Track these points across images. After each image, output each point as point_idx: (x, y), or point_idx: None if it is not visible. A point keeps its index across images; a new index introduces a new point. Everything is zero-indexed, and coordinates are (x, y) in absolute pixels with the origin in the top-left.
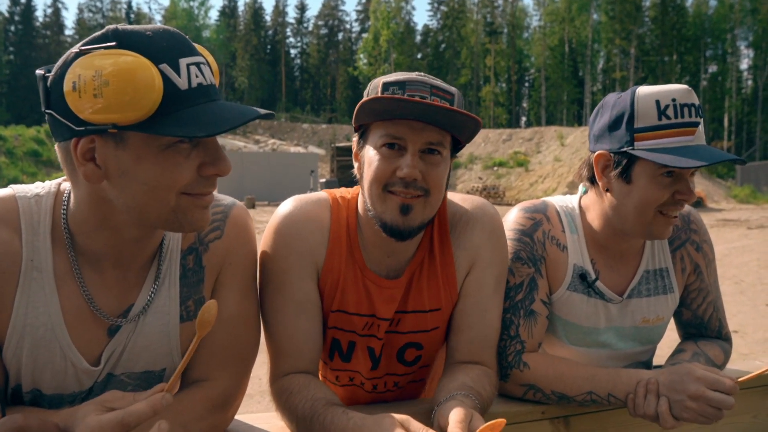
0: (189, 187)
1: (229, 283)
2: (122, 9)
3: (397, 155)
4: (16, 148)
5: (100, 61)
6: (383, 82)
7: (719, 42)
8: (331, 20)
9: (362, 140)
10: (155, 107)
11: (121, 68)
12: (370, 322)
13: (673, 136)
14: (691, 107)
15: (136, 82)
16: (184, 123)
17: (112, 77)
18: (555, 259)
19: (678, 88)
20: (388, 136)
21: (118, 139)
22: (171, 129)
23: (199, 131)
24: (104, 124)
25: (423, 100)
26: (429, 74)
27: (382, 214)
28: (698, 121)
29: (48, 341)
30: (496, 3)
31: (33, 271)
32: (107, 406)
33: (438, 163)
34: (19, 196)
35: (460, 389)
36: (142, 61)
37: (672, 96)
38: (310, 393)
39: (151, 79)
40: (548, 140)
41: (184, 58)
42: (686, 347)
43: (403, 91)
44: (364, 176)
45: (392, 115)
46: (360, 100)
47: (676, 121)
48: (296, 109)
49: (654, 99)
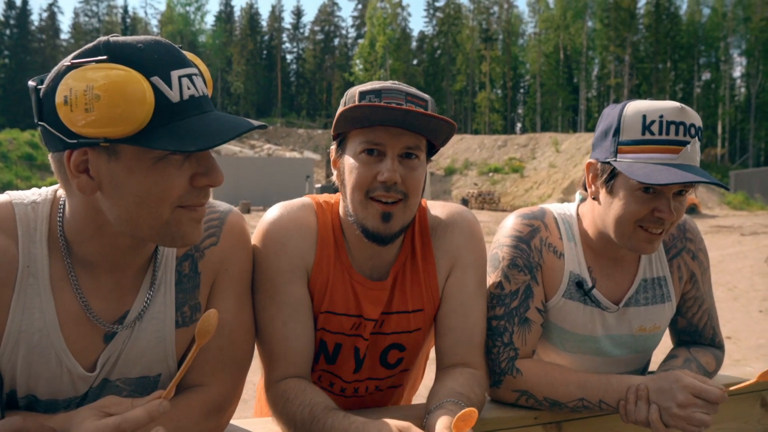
0: (182, 199)
1: (225, 290)
2: (118, 14)
3: (376, 161)
4: (11, 152)
5: (92, 74)
6: (359, 92)
7: (712, 50)
8: (328, 26)
9: (340, 148)
10: (147, 120)
11: (112, 82)
12: (357, 322)
13: (654, 152)
14: (680, 125)
15: (127, 95)
16: (177, 136)
17: (103, 91)
18: (551, 267)
19: (669, 105)
20: (367, 143)
21: (111, 151)
22: (163, 142)
23: (192, 145)
24: (96, 138)
25: (399, 106)
26: (425, 79)
27: (364, 220)
28: (686, 140)
29: (43, 347)
30: (492, 10)
31: (29, 278)
32: (105, 411)
33: (416, 167)
34: (16, 202)
35: (449, 396)
36: (133, 74)
37: (660, 112)
38: (307, 398)
39: (142, 92)
40: (543, 146)
41: (175, 70)
42: (679, 353)
43: (379, 99)
44: (345, 183)
45: (370, 122)
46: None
47: (659, 138)
48: (292, 114)
49: (642, 114)
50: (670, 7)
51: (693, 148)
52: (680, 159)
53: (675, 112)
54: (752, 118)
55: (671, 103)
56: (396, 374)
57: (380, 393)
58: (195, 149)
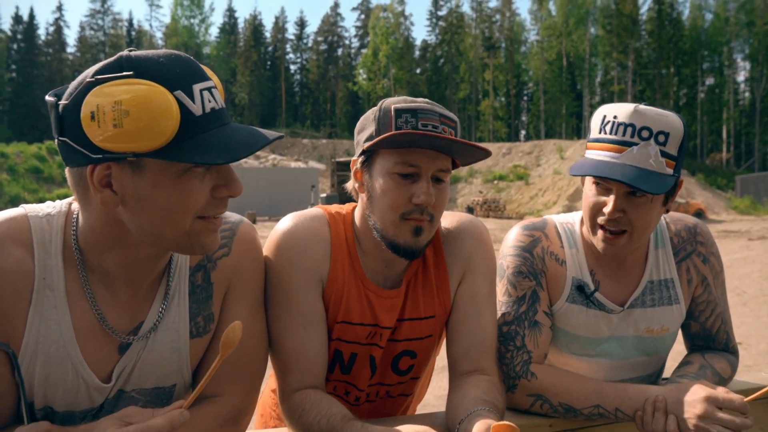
0: (203, 210)
1: (238, 300)
2: (123, 27)
3: (410, 182)
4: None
5: (119, 90)
6: (395, 109)
7: (716, 55)
8: (331, 36)
9: (368, 162)
10: (173, 135)
11: (139, 97)
12: (372, 331)
13: (601, 150)
14: (628, 127)
15: (154, 110)
16: (202, 149)
17: (132, 107)
18: (554, 273)
19: (626, 108)
20: (404, 164)
21: (136, 166)
22: (190, 156)
23: (219, 158)
24: (123, 153)
25: (435, 130)
26: (428, 88)
27: (395, 237)
28: (632, 141)
29: (60, 358)
30: (494, 18)
31: (45, 290)
32: (126, 420)
33: (444, 189)
34: (31, 215)
35: (477, 404)
36: (159, 89)
37: (615, 113)
38: (324, 409)
39: (169, 107)
40: (548, 153)
41: (197, 84)
42: (693, 359)
43: (416, 119)
44: (374, 200)
45: (409, 144)
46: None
47: (607, 137)
48: (296, 124)
49: (602, 114)
50: (673, 13)
51: (642, 151)
52: (623, 159)
53: (627, 115)
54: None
55: (629, 106)
56: (406, 381)
57: (391, 400)
58: (223, 162)
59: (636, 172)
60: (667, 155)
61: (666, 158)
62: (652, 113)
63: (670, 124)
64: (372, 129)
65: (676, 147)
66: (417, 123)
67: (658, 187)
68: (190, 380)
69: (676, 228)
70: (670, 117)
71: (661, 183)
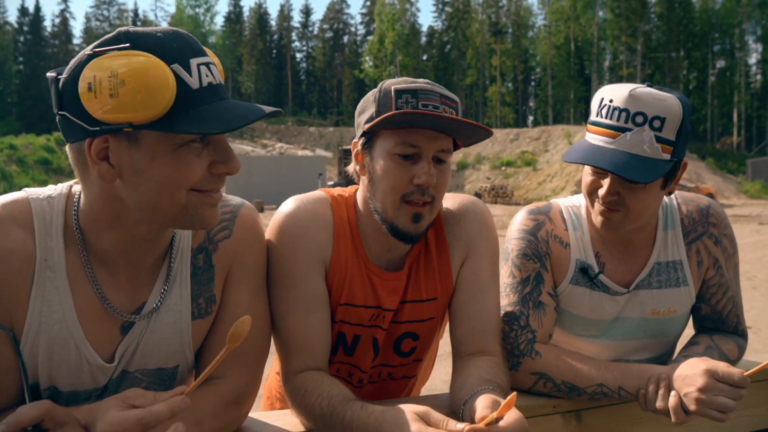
0: (199, 184)
1: (239, 282)
2: (129, 17)
3: (410, 163)
4: (27, 156)
5: (116, 61)
6: (395, 89)
7: (727, 37)
8: (336, 23)
9: (369, 143)
10: (169, 106)
11: (136, 68)
12: (375, 313)
13: (596, 134)
14: (622, 112)
15: (150, 81)
16: (198, 121)
17: (128, 77)
18: (558, 256)
19: (622, 91)
20: (404, 145)
21: (132, 138)
22: (185, 127)
23: (213, 128)
24: (119, 124)
25: (436, 110)
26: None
27: (394, 220)
28: (626, 127)
29: (63, 338)
30: (501, 3)
31: (47, 270)
32: (129, 402)
33: (446, 170)
34: (32, 198)
35: (480, 384)
36: (156, 61)
37: (612, 96)
38: (325, 391)
39: (165, 78)
40: (556, 139)
41: (194, 59)
42: (700, 340)
43: (416, 99)
44: (375, 181)
45: (409, 125)
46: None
47: (603, 121)
48: (303, 112)
49: (601, 96)
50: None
51: (636, 137)
52: (616, 144)
53: (622, 99)
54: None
55: (626, 89)
56: (409, 363)
57: (394, 382)
58: (217, 131)
59: (626, 159)
60: (663, 140)
61: (662, 143)
62: (648, 97)
63: (667, 108)
64: (372, 110)
65: (673, 131)
66: (417, 103)
67: (648, 175)
68: (193, 361)
69: (688, 209)
70: (668, 101)
71: (652, 170)
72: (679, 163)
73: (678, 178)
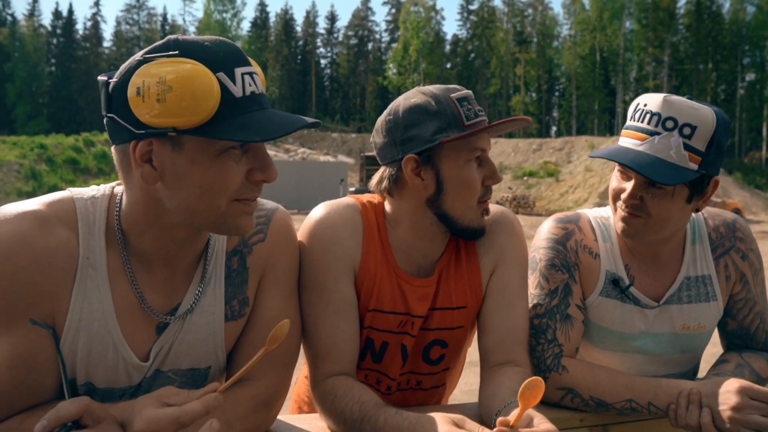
0: (239, 193)
1: (272, 285)
2: (158, 21)
3: (477, 166)
4: (56, 156)
5: (164, 68)
6: (455, 98)
7: (757, 49)
8: (361, 30)
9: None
10: (213, 113)
11: (183, 75)
12: (404, 320)
13: (627, 137)
14: (654, 116)
15: (196, 88)
16: (240, 128)
17: (175, 83)
18: (588, 266)
19: (657, 96)
20: (476, 150)
21: (175, 143)
22: (227, 134)
23: (254, 136)
24: (164, 128)
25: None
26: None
27: (471, 222)
28: (655, 131)
29: (102, 336)
30: (526, 12)
31: (88, 269)
32: (164, 401)
33: None
34: (77, 197)
35: (514, 396)
36: (202, 68)
37: (647, 101)
38: (356, 396)
39: (210, 86)
40: (579, 150)
41: (239, 68)
42: (730, 358)
43: (471, 105)
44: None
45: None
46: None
47: (635, 124)
48: (326, 118)
49: (637, 102)
50: (712, 6)
51: (664, 141)
52: (643, 147)
53: (656, 103)
54: None
55: (660, 96)
56: (438, 372)
57: (423, 392)
58: (259, 139)
59: (651, 161)
60: (691, 149)
61: (690, 152)
62: (681, 104)
63: (698, 117)
64: (436, 123)
65: (703, 142)
66: (472, 108)
67: (670, 177)
68: (225, 363)
69: (715, 223)
70: (702, 110)
71: (675, 174)
72: (709, 179)
73: (707, 196)
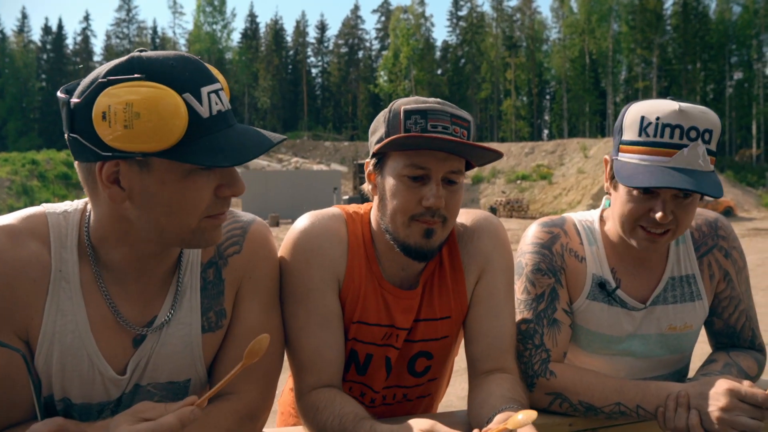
0: (209, 210)
1: (249, 297)
2: (148, 34)
3: (420, 185)
4: (48, 171)
5: (130, 92)
6: (405, 110)
7: (744, 48)
8: (351, 39)
9: (380, 164)
10: (181, 136)
11: (150, 100)
12: (388, 332)
13: (647, 154)
14: (675, 128)
15: (163, 113)
16: (209, 151)
17: (143, 109)
18: (574, 270)
19: (668, 107)
20: (413, 167)
21: (143, 164)
22: (196, 158)
23: (225, 160)
24: (132, 152)
25: (445, 131)
26: (449, 88)
27: (406, 238)
28: (681, 144)
29: (76, 349)
30: (515, 17)
31: (61, 281)
32: (139, 416)
33: (457, 191)
34: (49, 212)
35: (504, 402)
36: (169, 92)
37: (658, 114)
38: (336, 408)
39: (178, 109)
40: (571, 152)
41: (204, 87)
42: (718, 357)
43: (425, 120)
44: (385, 202)
45: (418, 147)
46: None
47: (653, 140)
48: (318, 127)
49: (641, 115)
50: (699, 7)
51: (692, 152)
52: (674, 162)
53: (672, 115)
54: None
55: (671, 104)
56: (424, 383)
57: (410, 403)
58: (229, 164)
59: (695, 176)
60: (711, 153)
61: (711, 156)
62: (695, 112)
63: (710, 120)
64: (382, 131)
65: (716, 143)
66: (426, 124)
67: (715, 187)
68: (205, 375)
69: (697, 223)
70: (710, 113)
71: (715, 182)
72: None
73: None
